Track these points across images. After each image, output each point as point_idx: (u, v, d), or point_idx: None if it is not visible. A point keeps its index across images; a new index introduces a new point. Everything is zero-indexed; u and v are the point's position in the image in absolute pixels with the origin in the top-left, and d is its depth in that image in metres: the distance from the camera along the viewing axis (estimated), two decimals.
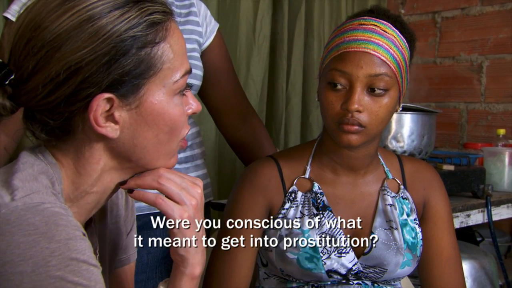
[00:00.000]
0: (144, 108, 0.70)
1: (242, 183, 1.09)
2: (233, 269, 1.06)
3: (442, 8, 2.44)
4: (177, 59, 0.72)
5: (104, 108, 0.68)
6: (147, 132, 0.71)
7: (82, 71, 0.66)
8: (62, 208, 0.65)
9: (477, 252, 1.74)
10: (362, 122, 0.98)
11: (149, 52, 0.69)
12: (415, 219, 1.11)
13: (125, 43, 0.67)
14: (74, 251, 0.62)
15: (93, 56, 0.66)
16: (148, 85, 0.70)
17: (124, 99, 0.69)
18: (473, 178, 1.71)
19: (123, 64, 0.67)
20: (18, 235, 0.61)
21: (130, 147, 0.72)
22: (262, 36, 2.08)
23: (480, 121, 2.33)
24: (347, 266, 1.05)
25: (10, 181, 0.66)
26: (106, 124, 0.69)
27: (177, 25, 0.74)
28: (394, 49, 0.99)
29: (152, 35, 0.69)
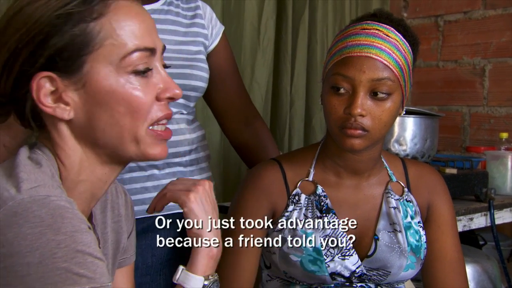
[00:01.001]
0: (91, 86, 0.70)
1: (246, 186, 1.10)
2: (237, 271, 1.07)
3: (444, 11, 2.45)
4: (124, 35, 0.70)
5: (48, 88, 0.69)
6: (100, 111, 0.71)
7: (21, 53, 0.68)
8: (67, 202, 0.66)
9: (479, 256, 1.74)
10: (365, 126, 0.99)
11: (85, 28, 0.69)
12: (419, 222, 1.12)
13: (58, 20, 0.68)
14: (80, 244, 0.63)
15: (29, 37, 0.68)
16: (90, 62, 0.69)
17: (66, 77, 0.69)
18: (476, 181, 1.72)
19: (57, 41, 0.68)
20: (25, 227, 0.61)
21: (89, 129, 0.72)
22: (266, 39, 2.09)
23: (482, 124, 2.34)
24: (351, 269, 1.06)
25: (15, 174, 0.67)
26: (54, 106, 0.70)
27: (128, 3, 0.73)
28: (396, 53, 1.00)
29: (88, 11, 0.69)
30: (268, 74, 2.11)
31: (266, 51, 2.09)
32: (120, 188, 0.92)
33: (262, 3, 2.08)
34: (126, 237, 0.93)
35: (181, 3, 1.33)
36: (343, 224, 1.04)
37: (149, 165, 1.25)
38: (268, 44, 2.09)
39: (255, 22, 2.07)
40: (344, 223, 1.04)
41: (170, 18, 1.29)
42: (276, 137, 2.17)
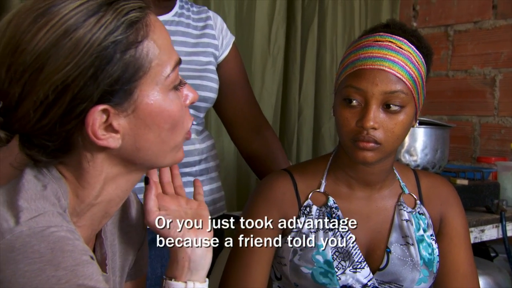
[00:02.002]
0: (141, 110, 0.68)
1: (257, 197, 1.09)
2: (247, 283, 1.06)
3: (454, 21, 2.44)
4: (164, 53, 0.69)
5: (101, 120, 0.66)
6: (148, 134, 0.69)
7: (70, 88, 0.64)
8: (68, 231, 0.64)
9: (491, 268, 1.73)
10: (377, 139, 0.98)
11: (134, 53, 0.66)
12: (432, 234, 1.10)
13: (107, 50, 0.64)
14: (81, 277, 0.61)
15: (78, 71, 0.63)
16: (140, 87, 0.67)
17: (119, 106, 0.67)
18: (487, 193, 1.70)
19: (110, 72, 0.65)
20: (23, 263, 0.59)
21: (133, 151, 0.70)
22: (276, 48, 2.10)
23: (493, 135, 2.32)
24: (362, 282, 1.05)
25: (15, 202, 0.64)
26: (106, 136, 0.67)
27: (156, 18, 0.71)
28: (410, 65, 0.99)
29: (133, 35, 0.66)
30: (278, 82, 2.11)
31: (276, 60, 2.09)
32: (133, 197, 0.90)
33: (272, 12, 2.08)
34: (137, 248, 0.91)
35: (192, 14, 1.34)
36: (343, 224, 1.03)
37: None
38: (278, 52, 2.10)
39: (265, 31, 2.07)
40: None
41: (180, 29, 1.29)
42: (284, 146, 2.17)
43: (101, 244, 0.79)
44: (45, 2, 0.65)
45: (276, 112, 2.11)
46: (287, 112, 2.18)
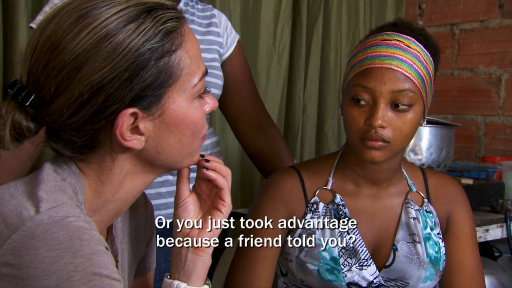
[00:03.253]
0: (167, 116, 0.71)
1: (264, 193, 1.09)
2: (253, 279, 1.06)
3: (460, 20, 2.43)
4: (193, 63, 0.72)
5: (129, 122, 0.69)
6: (170, 138, 0.72)
7: (104, 89, 0.66)
8: (86, 222, 0.66)
9: (495, 268, 1.73)
10: (385, 138, 0.98)
11: (167, 61, 0.69)
12: (439, 233, 1.10)
13: (143, 56, 0.67)
14: (97, 266, 0.63)
15: (114, 74, 0.66)
16: (169, 93, 0.70)
17: (147, 110, 0.70)
18: (492, 192, 1.70)
19: (144, 77, 0.67)
20: (42, 250, 0.61)
21: (154, 154, 0.73)
22: (282, 45, 2.10)
23: (498, 134, 2.31)
24: (368, 279, 1.05)
25: (35, 192, 0.66)
26: (132, 137, 0.70)
27: (189, 28, 0.74)
28: (418, 64, 0.99)
29: (169, 44, 0.69)
30: (283, 80, 2.11)
31: (281, 57, 2.09)
32: (142, 196, 0.92)
33: (278, 9, 2.08)
34: (145, 246, 0.92)
35: (197, 11, 1.34)
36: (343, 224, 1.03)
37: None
38: (284, 50, 2.10)
39: (271, 28, 2.07)
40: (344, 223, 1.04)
41: None
42: (288, 143, 2.17)
43: (112, 241, 0.81)
44: (88, 4, 0.68)
45: (281, 110, 2.11)
46: (291, 110, 2.18)
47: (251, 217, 1.10)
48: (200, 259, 0.81)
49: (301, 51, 2.15)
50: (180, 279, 0.81)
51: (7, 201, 0.66)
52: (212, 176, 0.80)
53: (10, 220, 0.64)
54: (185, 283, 0.81)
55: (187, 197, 0.82)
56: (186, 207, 0.81)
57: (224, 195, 0.81)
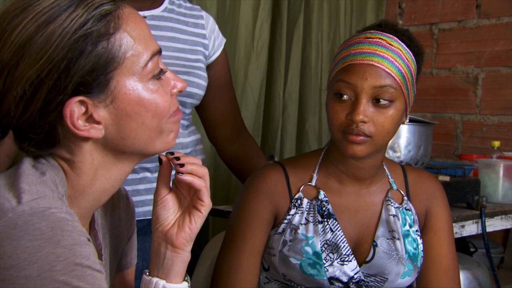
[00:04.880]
0: (120, 100, 0.70)
1: (249, 188, 1.10)
2: (239, 274, 1.07)
3: (439, 20, 2.47)
4: (139, 43, 0.70)
5: (79, 112, 0.68)
6: (131, 123, 0.71)
7: (45, 82, 0.66)
8: (68, 214, 0.65)
9: (470, 263, 1.76)
10: (367, 133, 0.99)
11: (106, 45, 0.68)
12: (417, 230, 1.12)
13: (78, 43, 0.66)
14: (79, 257, 0.63)
15: (51, 65, 0.65)
16: (116, 77, 0.69)
17: (96, 97, 0.68)
18: (468, 189, 1.73)
19: (83, 64, 0.66)
20: (24, 240, 0.61)
21: (119, 141, 0.72)
22: (260, 44, 2.10)
23: (475, 132, 2.36)
24: (349, 274, 1.06)
25: (17, 185, 0.66)
26: (87, 127, 0.69)
27: (132, 9, 0.72)
28: (399, 61, 1.01)
29: (105, 27, 0.68)
30: (262, 78, 2.11)
31: (260, 55, 2.09)
32: (123, 192, 0.92)
33: (257, 7, 2.08)
34: (126, 241, 0.92)
35: (184, 9, 1.34)
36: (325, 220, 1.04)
37: (141, 167, 1.25)
38: (262, 48, 2.10)
39: (249, 26, 2.07)
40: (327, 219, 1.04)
41: (169, 25, 1.29)
42: (268, 141, 2.18)
43: (95, 236, 0.81)
44: (23, 1, 0.68)
45: (259, 108, 2.11)
46: (271, 108, 2.18)
47: (236, 211, 1.11)
48: (178, 256, 0.80)
49: (282, 50, 2.15)
50: (159, 276, 0.81)
51: None
52: (188, 180, 0.77)
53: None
54: (163, 280, 0.80)
55: (166, 195, 0.81)
56: (165, 205, 0.81)
57: (202, 196, 0.79)
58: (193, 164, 0.78)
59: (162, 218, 0.80)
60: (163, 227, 0.80)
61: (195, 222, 0.80)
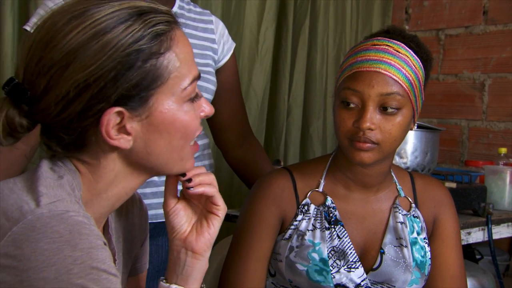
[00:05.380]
0: (155, 117, 0.71)
1: (256, 193, 1.10)
2: (246, 279, 1.07)
3: (446, 25, 2.46)
4: (184, 66, 0.72)
5: (115, 121, 0.70)
6: (159, 140, 0.72)
7: (90, 87, 0.67)
8: (85, 217, 0.66)
9: (476, 270, 1.75)
10: (374, 140, 0.99)
11: (155, 63, 0.69)
12: (425, 238, 1.12)
13: (130, 57, 0.68)
14: (96, 260, 0.63)
15: (100, 72, 0.67)
16: (156, 95, 0.71)
17: (134, 111, 0.70)
18: (475, 196, 1.72)
19: (130, 77, 0.68)
20: (43, 242, 0.61)
21: (144, 155, 0.73)
22: (265, 48, 2.10)
23: (481, 139, 2.35)
24: (356, 281, 1.05)
25: (35, 188, 0.67)
26: (118, 136, 0.70)
27: (182, 32, 0.74)
28: (406, 68, 1.00)
29: (157, 46, 0.70)
30: (266, 82, 2.11)
31: (264, 60, 2.09)
32: (136, 197, 0.92)
33: (262, 12, 2.08)
34: (139, 246, 0.92)
35: (193, 14, 1.34)
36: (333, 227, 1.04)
37: None
38: (267, 53, 2.10)
39: (254, 30, 2.08)
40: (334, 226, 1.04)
41: None
42: (272, 145, 2.18)
43: (109, 240, 0.81)
44: (82, 5, 0.69)
45: (262, 111, 2.11)
46: (276, 112, 2.18)
47: (243, 216, 1.11)
48: (198, 263, 0.81)
49: (287, 54, 2.15)
50: (177, 283, 0.81)
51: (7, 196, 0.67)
52: (199, 192, 0.79)
53: (10, 213, 0.64)
54: (182, 286, 0.81)
55: (175, 205, 0.81)
56: (177, 213, 0.81)
57: (216, 200, 0.80)
58: (199, 174, 0.79)
59: (177, 226, 0.81)
60: (180, 234, 0.81)
61: (213, 226, 0.81)
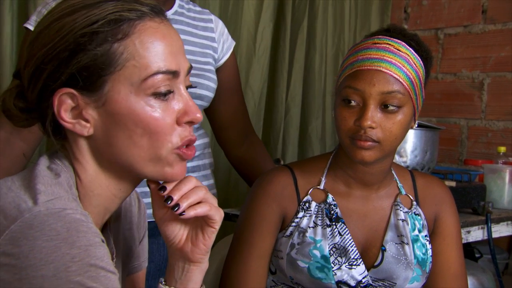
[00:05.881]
0: (111, 106, 0.70)
1: (257, 191, 1.10)
2: (247, 277, 1.07)
3: (445, 24, 2.47)
4: (147, 57, 0.69)
5: (68, 104, 0.69)
6: (118, 131, 0.70)
7: (47, 67, 0.69)
8: (82, 215, 0.66)
9: (475, 269, 1.75)
10: (375, 138, 0.99)
11: (108, 48, 0.68)
12: (426, 235, 1.12)
13: (83, 38, 0.68)
14: (94, 258, 0.63)
15: (54, 52, 0.68)
16: (111, 82, 0.69)
17: (87, 95, 0.69)
18: (474, 195, 1.72)
19: (80, 59, 0.68)
20: (40, 240, 0.61)
21: (107, 146, 0.71)
22: (262, 47, 2.10)
23: (480, 137, 2.35)
24: (357, 278, 1.06)
25: (33, 185, 0.67)
26: (73, 121, 0.70)
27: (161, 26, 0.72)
28: (407, 67, 1.01)
29: (113, 31, 0.68)
30: (263, 81, 2.11)
31: (261, 59, 2.09)
32: (135, 195, 0.92)
33: (260, 11, 2.08)
34: (137, 244, 0.92)
35: (193, 13, 1.35)
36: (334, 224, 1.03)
37: None
38: (264, 52, 2.10)
39: (252, 29, 2.08)
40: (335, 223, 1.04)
41: (180, 28, 1.30)
42: (270, 144, 2.18)
43: (107, 240, 0.80)
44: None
45: (259, 111, 2.11)
46: (273, 111, 2.18)
47: (244, 214, 1.11)
48: (197, 269, 0.80)
49: (285, 54, 2.15)
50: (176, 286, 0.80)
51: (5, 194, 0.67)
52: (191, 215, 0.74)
53: (8, 211, 0.64)
54: None
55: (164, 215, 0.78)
56: (167, 224, 0.78)
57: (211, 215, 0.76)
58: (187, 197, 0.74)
59: (171, 236, 0.78)
60: (176, 244, 0.79)
61: (208, 238, 0.78)
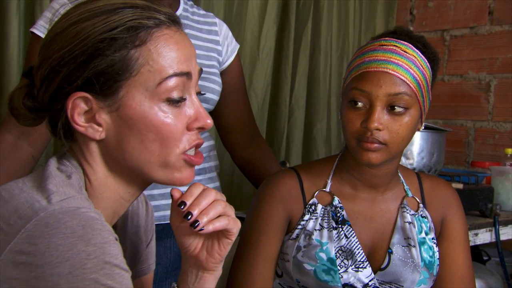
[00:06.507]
0: (125, 111, 0.70)
1: (263, 193, 1.10)
2: (254, 279, 1.07)
3: (451, 26, 2.46)
4: (161, 62, 0.70)
5: (82, 107, 0.70)
6: (130, 136, 0.71)
7: (62, 70, 0.69)
8: (96, 213, 0.66)
9: (483, 272, 1.74)
10: (382, 140, 0.99)
11: (125, 54, 0.69)
12: (433, 238, 1.11)
13: (102, 44, 0.68)
14: (108, 255, 0.63)
15: (71, 56, 0.69)
16: (126, 87, 0.70)
17: (101, 99, 0.70)
18: (482, 197, 1.71)
19: (97, 64, 0.69)
20: (56, 238, 0.62)
21: (118, 150, 0.72)
22: (266, 50, 2.10)
23: (487, 139, 2.34)
24: (364, 281, 1.05)
25: (45, 186, 0.67)
26: (86, 125, 0.71)
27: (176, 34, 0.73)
28: (414, 69, 1.00)
29: (131, 38, 0.69)
30: (267, 84, 2.11)
31: (265, 62, 2.09)
32: (142, 198, 0.92)
33: (263, 13, 2.08)
34: (145, 247, 0.92)
35: (197, 16, 1.35)
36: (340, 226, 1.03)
37: None
38: (268, 55, 2.10)
39: (256, 31, 2.08)
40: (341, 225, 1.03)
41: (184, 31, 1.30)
42: (273, 147, 2.17)
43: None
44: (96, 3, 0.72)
45: (263, 113, 2.11)
46: (277, 114, 2.18)
47: (250, 216, 1.11)
48: (210, 276, 0.81)
49: (289, 55, 2.15)
50: None
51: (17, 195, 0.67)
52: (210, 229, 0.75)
53: (22, 211, 0.64)
54: None
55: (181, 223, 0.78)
56: (182, 232, 0.79)
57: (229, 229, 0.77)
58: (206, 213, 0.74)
59: (186, 244, 0.80)
60: (191, 252, 0.80)
61: (224, 248, 0.79)
